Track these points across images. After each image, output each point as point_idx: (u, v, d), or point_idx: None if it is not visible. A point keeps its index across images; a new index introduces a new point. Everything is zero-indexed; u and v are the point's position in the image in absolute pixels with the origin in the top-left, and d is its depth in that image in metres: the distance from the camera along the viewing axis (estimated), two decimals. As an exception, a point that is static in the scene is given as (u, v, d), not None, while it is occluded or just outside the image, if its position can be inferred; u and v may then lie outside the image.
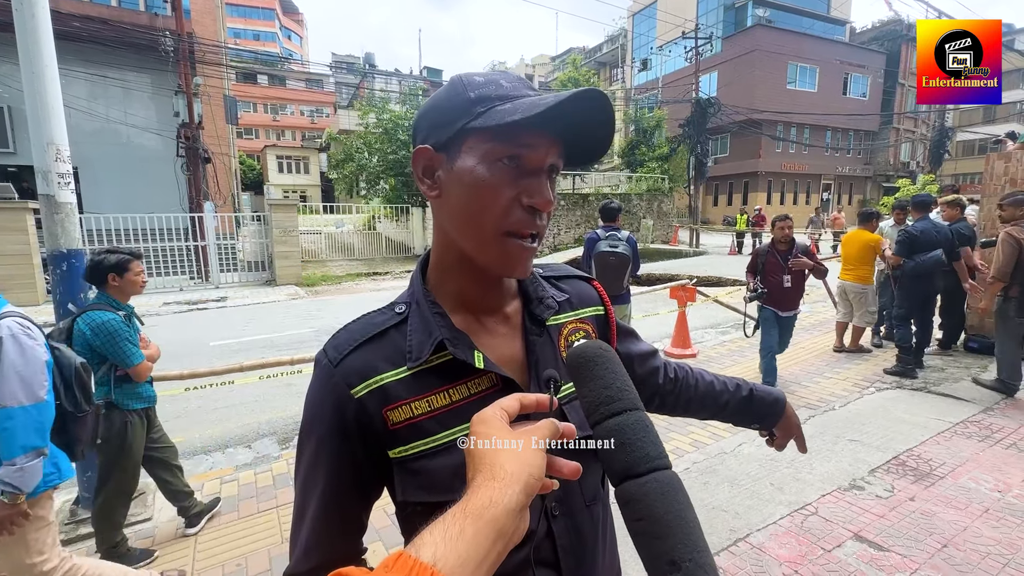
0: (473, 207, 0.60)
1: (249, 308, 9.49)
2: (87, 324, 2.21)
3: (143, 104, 14.02)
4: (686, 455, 3.34)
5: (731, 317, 7.20)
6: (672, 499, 0.44)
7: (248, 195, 29.55)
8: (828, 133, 30.87)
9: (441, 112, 0.62)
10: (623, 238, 4.08)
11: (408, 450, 0.62)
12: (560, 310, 0.74)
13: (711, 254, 17.50)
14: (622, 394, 0.49)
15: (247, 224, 14.73)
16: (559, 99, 0.55)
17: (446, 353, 0.63)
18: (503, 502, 0.40)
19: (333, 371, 0.63)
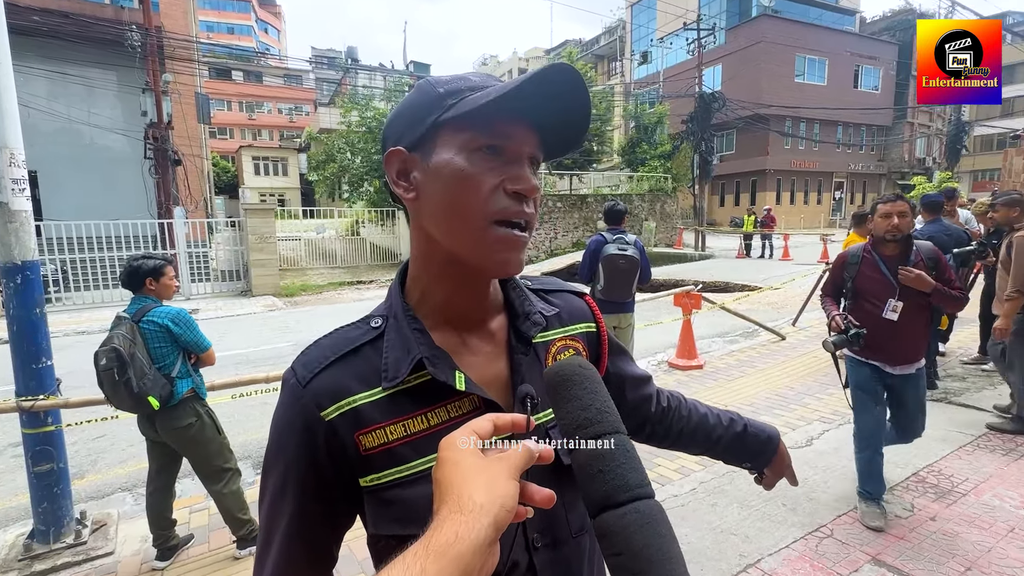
0: (456, 199, 0.60)
1: (222, 321, 9.43)
2: (166, 318, 2.51)
3: (108, 103, 13.98)
4: (692, 474, 3.34)
5: (739, 325, 7.23)
6: (653, 532, 0.43)
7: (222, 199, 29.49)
8: (839, 128, 31.26)
9: (411, 113, 0.63)
10: (631, 241, 4.10)
11: (381, 478, 0.61)
12: (549, 326, 0.73)
13: (718, 257, 17.61)
14: (602, 416, 0.48)
15: (221, 230, 14.66)
16: (531, 75, 0.56)
17: (425, 373, 0.62)
18: (470, 537, 0.39)
19: (302, 391, 0.62)
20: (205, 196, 17.04)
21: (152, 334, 2.49)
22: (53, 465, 2.77)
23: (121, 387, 2.37)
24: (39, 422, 2.72)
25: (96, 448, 4.21)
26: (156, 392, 2.43)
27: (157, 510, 2.68)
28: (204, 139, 19.01)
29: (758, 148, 29.23)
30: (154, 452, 2.69)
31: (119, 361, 2.36)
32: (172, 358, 2.54)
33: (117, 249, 11.07)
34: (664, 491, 3.15)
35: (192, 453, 2.63)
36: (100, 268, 10.94)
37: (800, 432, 3.90)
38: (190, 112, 14.97)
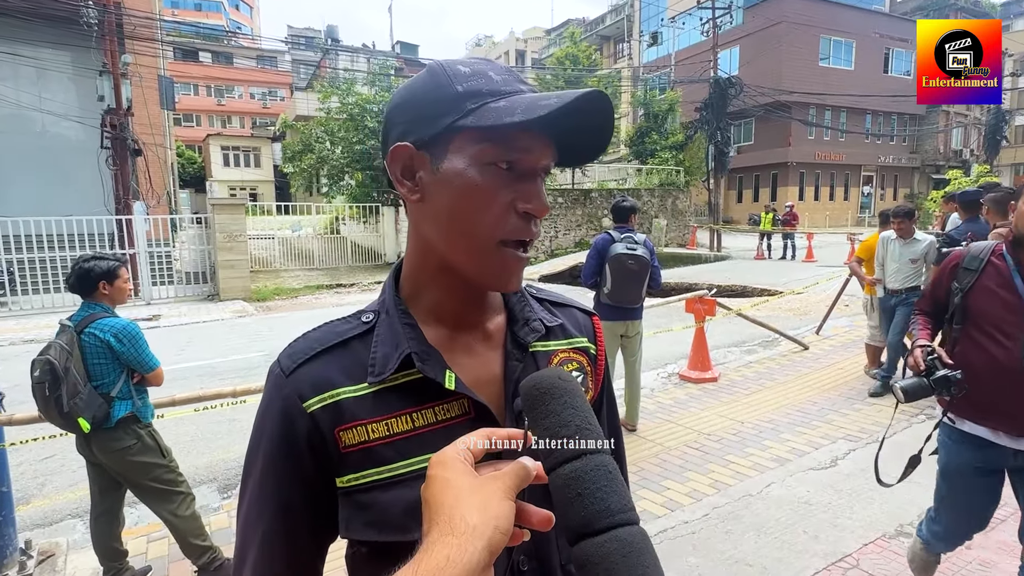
0: (465, 214, 0.63)
1: (186, 328, 9.41)
2: (108, 332, 2.47)
3: (61, 87, 13.96)
4: (705, 499, 3.35)
5: (758, 333, 7.26)
6: (635, 562, 0.42)
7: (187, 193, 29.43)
8: (868, 117, 31.46)
9: (423, 106, 0.64)
10: (640, 241, 4.10)
11: (358, 479, 0.63)
12: (551, 337, 0.76)
13: (735, 259, 17.68)
14: (581, 433, 0.48)
15: (186, 228, 14.65)
16: (563, 102, 0.57)
17: (413, 371, 0.65)
18: (462, 561, 0.39)
19: (285, 382, 0.65)
20: (168, 190, 17.01)
21: (92, 348, 2.46)
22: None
23: (52, 403, 2.36)
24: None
25: (44, 470, 4.19)
26: (88, 413, 2.40)
27: (103, 539, 2.66)
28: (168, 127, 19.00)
29: (779, 139, 29.39)
30: (93, 473, 2.66)
31: (51, 375, 2.35)
32: (113, 376, 2.50)
33: (70, 248, 11.04)
34: (674, 517, 3.16)
35: (132, 477, 2.59)
36: (51, 270, 10.90)
37: (824, 451, 3.91)
38: (152, 97, 14.97)
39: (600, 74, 25.81)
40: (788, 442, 4.11)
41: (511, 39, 48.36)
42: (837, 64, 29.80)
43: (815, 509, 3.19)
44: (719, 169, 20.41)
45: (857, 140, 31.13)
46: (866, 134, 31.42)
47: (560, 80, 23.26)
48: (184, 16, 44.01)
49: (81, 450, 2.61)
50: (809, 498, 3.31)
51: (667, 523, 3.09)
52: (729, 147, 20.95)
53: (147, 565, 2.85)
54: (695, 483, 3.55)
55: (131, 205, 12.24)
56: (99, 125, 12.56)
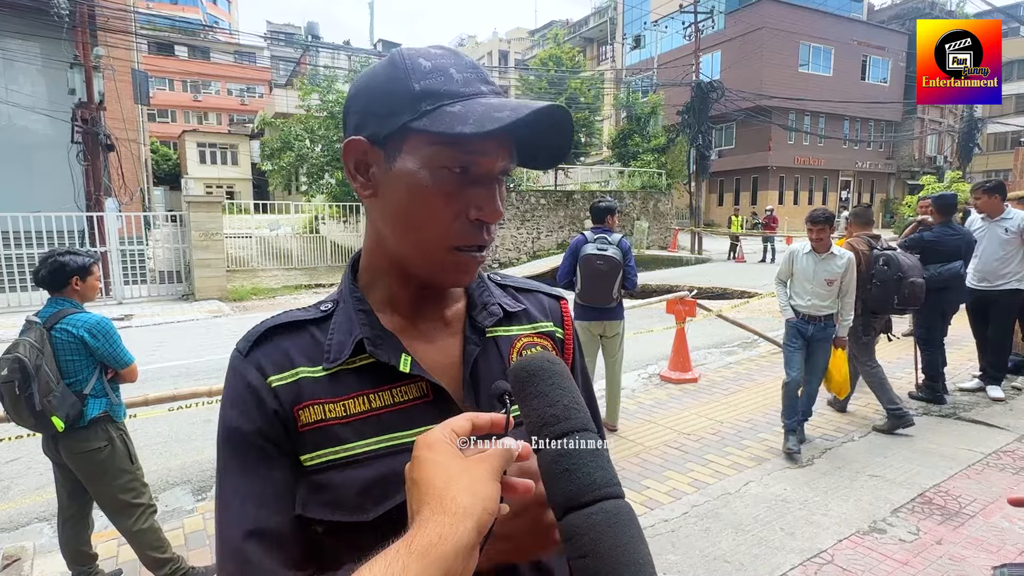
0: (415, 217, 0.63)
1: (160, 328, 9.24)
2: (82, 328, 2.43)
3: (30, 78, 13.58)
4: (684, 497, 3.39)
5: (738, 334, 7.37)
6: (621, 532, 0.44)
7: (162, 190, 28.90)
8: (846, 123, 32.14)
9: (379, 100, 0.64)
10: (614, 241, 4.15)
11: (315, 458, 0.64)
12: (514, 321, 0.77)
13: (715, 261, 17.92)
14: (569, 412, 0.50)
15: (160, 226, 14.38)
16: (516, 116, 0.57)
17: (370, 355, 0.66)
18: (453, 539, 0.41)
19: (243, 361, 0.66)
20: (142, 186, 16.69)
21: (64, 344, 2.41)
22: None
23: (22, 403, 2.30)
24: (-58, 441, 2.64)
25: (9, 472, 4.09)
26: (62, 412, 2.35)
27: (72, 543, 2.61)
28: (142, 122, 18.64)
29: (759, 143, 29.87)
30: (62, 476, 2.61)
31: (22, 373, 2.29)
32: (86, 373, 2.46)
33: (38, 246, 10.75)
34: (653, 515, 3.20)
35: (96, 483, 2.53)
36: (17, 268, 10.62)
37: (801, 449, 3.99)
38: (126, 91, 14.67)
39: (583, 76, 25.95)
40: (766, 441, 4.18)
41: (494, 40, 48.45)
42: (816, 70, 30.40)
43: (792, 507, 3.25)
44: (700, 172, 20.69)
45: (835, 145, 31.78)
46: (844, 140, 32.09)
47: (543, 81, 23.36)
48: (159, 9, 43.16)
49: (48, 452, 2.55)
50: (786, 496, 3.37)
51: (647, 521, 3.12)
52: (710, 151, 21.23)
53: (117, 569, 2.80)
54: (675, 482, 3.59)
55: (103, 202, 11.98)
56: (70, 119, 12.26)
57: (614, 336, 4.36)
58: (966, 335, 5.50)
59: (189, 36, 41.88)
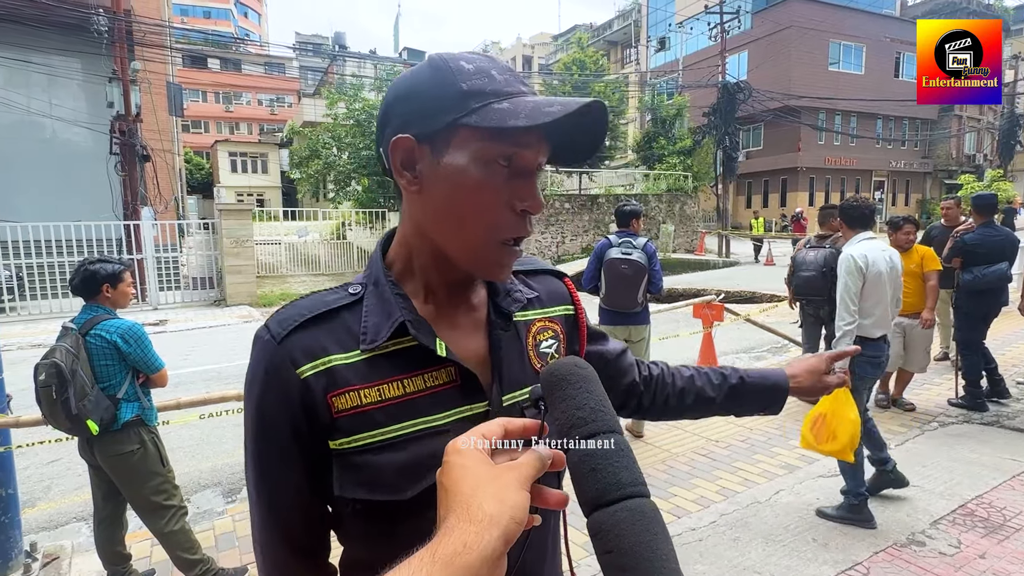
0: (464, 210, 0.66)
1: (192, 333, 9.47)
2: (115, 334, 2.50)
3: (71, 93, 14.16)
4: (712, 505, 3.32)
5: (767, 339, 7.22)
6: (644, 529, 0.46)
7: (195, 199, 29.75)
8: (879, 122, 31.31)
9: (426, 100, 0.66)
10: (639, 245, 4.12)
11: (351, 442, 0.66)
12: (528, 306, 0.80)
13: (743, 264, 17.60)
14: (596, 415, 0.52)
15: (193, 233, 14.78)
16: (567, 110, 0.60)
17: (404, 339, 0.68)
18: (478, 548, 0.41)
19: (276, 348, 0.67)
20: (176, 195, 17.20)
21: (98, 350, 2.48)
22: (1, 491, 2.78)
23: (59, 407, 2.36)
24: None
25: (49, 473, 4.22)
26: (97, 415, 2.41)
27: (107, 543, 2.67)
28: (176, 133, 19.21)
29: (788, 143, 29.30)
30: (96, 479, 2.67)
31: (59, 378, 2.35)
32: (119, 378, 2.52)
33: (78, 253, 11.16)
34: (680, 524, 3.14)
35: (129, 485, 2.59)
36: (59, 275, 11.02)
37: (833, 459, 3.87)
38: (161, 103, 15.15)
39: (607, 79, 25.85)
40: (797, 449, 4.07)
41: (518, 45, 48.59)
42: (847, 68, 29.72)
43: (825, 517, 3.16)
44: (727, 174, 20.39)
45: (868, 145, 30.98)
46: (877, 139, 31.26)
47: (567, 85, 23.32)
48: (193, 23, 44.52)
49: (84, 454, 2.62)
50: (819, 505, 3.27)
51: (674, 530, 3.07)
52: (738, 152, 20.92)
53: (151, 569, 2.86)
54: (702, 490, 3.53)
55: (139, 211, 12.38)
56: (108, 131, 12.73)
57: (639, 341, 4.30)
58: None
59: (221, 49, 43.05)
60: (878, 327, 3.16)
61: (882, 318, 3.16)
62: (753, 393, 0.98)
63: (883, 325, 3.17)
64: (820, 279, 4.60)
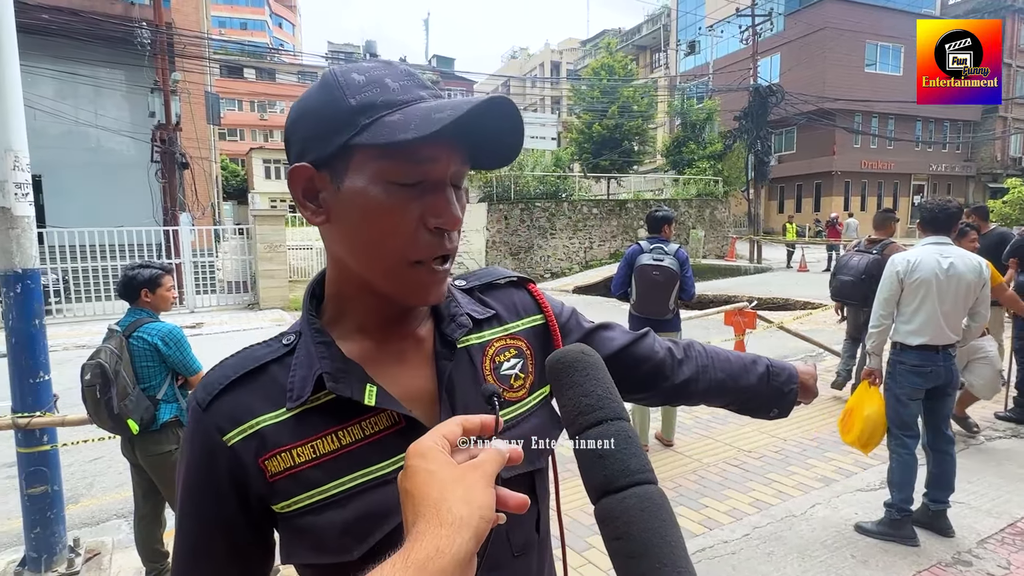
0: (371, 235, 0.61)
1: (227, 336, 9.70)
2: (156, 336, 2.57)
3: (116, 103, 14.73)
4: (745, 518, 3.25)
5: (802, 347, 7.04)
6: (653, 515, 0.46)
7: (230, 205, 30.56)
8: (918, 124, 30.39)
9: (317, 122, 0.61)
10: (670, 251, 4.07)
11: (290, 505, 0.62)
12: (484, 327, 0.75)
13: (775, 270, 17.25)
14: (602, 402, 0.52)
15: (228, 238, 15.14)
16: (457, 113, 0.55)
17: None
18: (451, 551, 0.41)
19: (202, 415, 0.63)
20: (213, 201, 17.69)
21: (140, 351, 2.56)
22: (47, 487, 2.88)
23: (102, 406, 2.45)
24: (34, 441, 2.84)
25: (92, 471, 4.37)
26: (137, 415, 2.49)
27: (146, 541, 2.74)
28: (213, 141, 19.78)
29: (823, 147, 28.65)
30: (137, 477, 2.75)
31: (103, 378, 2.44)
32: (159, 379, 2.60)
33: (120, 258, 11.54)
34: (712, 536, 3.07)
35: (167, 484, 2.65)
36: (102, 278, 11.43)
37: (872, 472, 3.75)
38: (199, 112, 15.63)
39: (636, 84, 25.68)
40: (834, 461, 3.96)
41: (546, 51, 48.69)
42: (884, 70, 28.94)
43: (864, 532, 3.05)
44: (759, 179, 20.02)
45: (906, 148, 30.08)
46: (916, 141, 30.34)
47: (595, 91, 23.25)
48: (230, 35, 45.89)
49: (125, 453, 2.71)
50: (858, 520, 3.17)
51: (705, 542, 3.01)
52: (770, 156, 20.54)
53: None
54: (735, 501, 3.45)
55: (178, 216, 12.76)
56: (150, 140, 13.19)
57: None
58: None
59: (257, 59, 44.24)
60: (918, 335, 3.00)
61: (925, 326, 2.99)
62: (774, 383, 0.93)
63: (925, 333, 2.99)
64: (857, 285, 4.54)
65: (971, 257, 3.02)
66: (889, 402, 3.09)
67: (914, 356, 3.01)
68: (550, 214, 17.43)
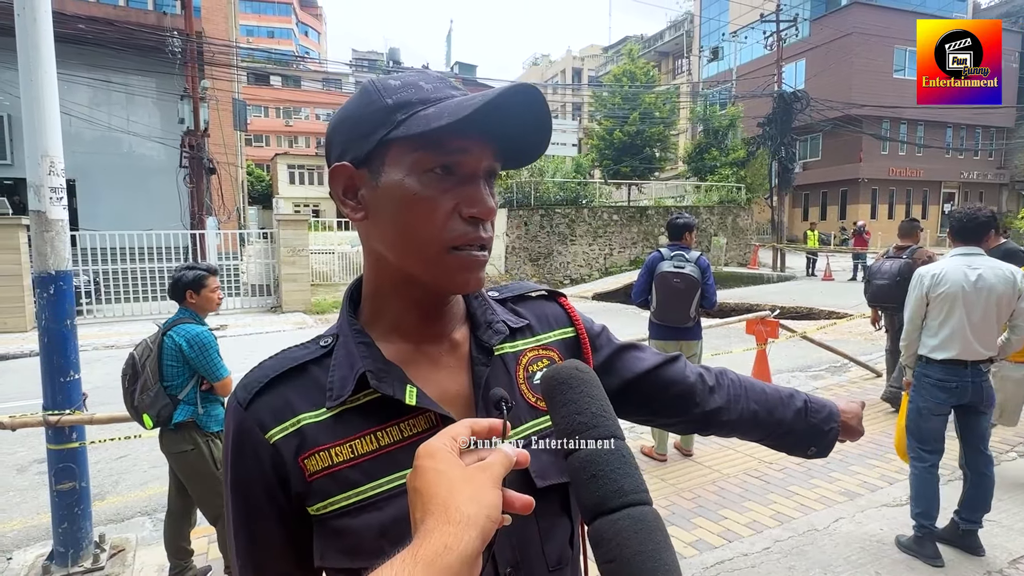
0: (409, 224, 0.63)
1: (250, 338, 9.85)
2: (183, 337, 2.62)
3: (147, 110, 15.13)
4: (766, 530, 3.19)
5: (826, 358, 6.91)
6: (646, 538, 0.45)
7: (255, 209, 31.10)
8: (948, 131, 29.70)
9: (356, 123, 0.65)
10: (691, 259, 4.04)
11: (327, 506, 0.63)
12: (517, 336, 0.76)
13: (799, 279, 16.96)
14: (597, 420, 0.51)
15: (252, 242, 15.44)
16: (487, 97, 0.58)
17: (374, 390, 0.64)
18: (458, 549, 0.42)
19: (244, 414, 0.64)
20: (238, 206, 18.03)
21: (168, 350, 2.62)
22: (75, 484, 2.95)
23: (127, 396, 2.56)
24: (64, 438, 2.92)
25: (117, 469, 4.46)
26: (153, 411, 2.55)
27: (174, 537, 2.80)
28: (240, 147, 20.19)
29: (849, 154, 28.15)
30: (172, 472, 2.82)
31: (132, 369, 2.55)
32: (182, 380, 2.63)
33: (149, 260, 11.85)
34: (731, 548, 3.02)
35: (190, 481, 2.71)
36: (132, 280, 11.71)
37: (900, 487, 3.66)
38: (227, 119, 15.97)
39: (658, 90, 25.57)
40: (858, 475, 3.87)
41: (568, 57, 48.75)
42: (913, 75, 28.23)
43: (889, 549, 2.98)
44: (783, 186, 19.75)
45: (936, 155, 29.40)
46: (946, 148, 29.63)
47: (617, 97, 23.21)
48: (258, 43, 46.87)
49: (161, 448, 2.77)
50: (882, 536, 3.09)
51: (724, 554, 2.96)
52: (794, 163, 20.25)
53: (207, 565, 2.96)
54: (755, 513, 3.39)
55: (204, 220, 13.03)
56: (179, 145, 13.51)
57: (691, 356, 4.19)
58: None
59: (283, 67, 45.09)
60: (943, 349, 2.90)
61: (951, 341, 2.88)
62: (813, 420, 0.91)
63: (950, 348, 2.88)
64: (894, 287, 4.62)
65: (1003, 267, 2.89)
66: (910, 413, 3.03)
67: (939, 370, 2.92)
68: (570, 220, 17.41)
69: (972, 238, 2.95)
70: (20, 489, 4.16)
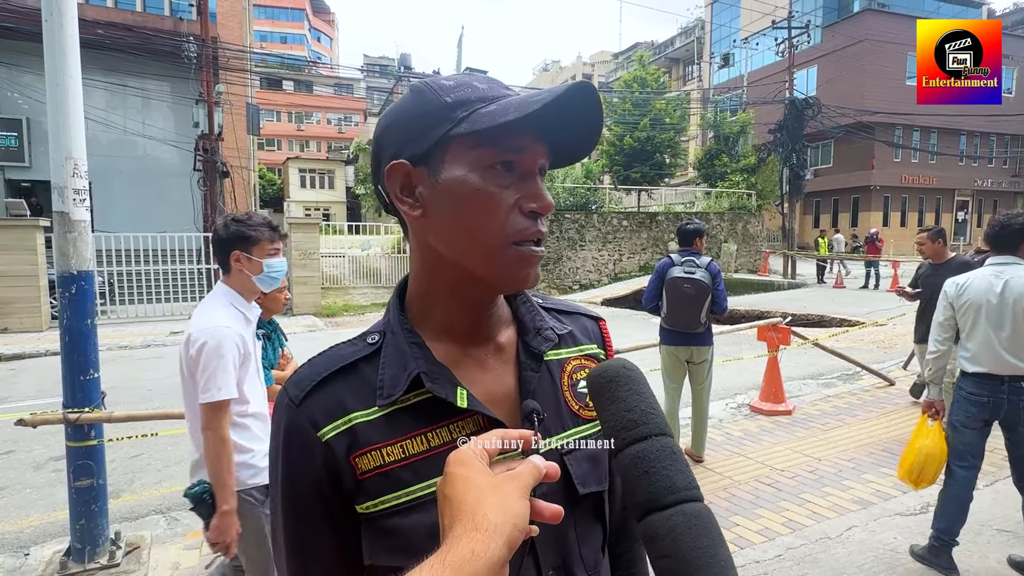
0: (471, 219, 0.63)
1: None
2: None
3: (162, 114, 15.34)
4: (778, 538, 3.18)
5: (837, 365, 6.86)
6: (701, 534, 0.46)
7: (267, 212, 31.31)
8: (962, 138, 29.47)
9: (413, 122, 0.65)
10: (702, 264, 4.03)
11: (377, 505, 0.63)
12: (562, 344, 0.76)
13: (810, 286, 16.86)
14: (647, 417, 0.51)
15: (264, 245, 15.47)
16: (553, 94, 0.58)
17: (424, 391, 0.64)
18: (485, 556, 0.42)
19: (295, 411, 0.64)
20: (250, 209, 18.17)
21: None
22: (93, 481, 2.99)
23: None
24: (82, 436, 2.97)
25: (133, 467, 4.52)
26: None
27: None
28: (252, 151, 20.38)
29: (861, 161, 27.98)
30: None
31: None
32: None
33: (162, 262, 11.99)
34: (743, 555, 3.02)
35: None
36: (146, 281, 11.84)
37: (913, 496, 3.63)
38: (240, 123, 16.13)
39: (669, 96, 25.55)
40: (871, 484, 3.84)
41: (578, 63, 48.87)
42: (927, 82, 28.17)
43: (903, 558, 2.95)
44: (794, 193, 19.65)
45: (950, 162, 29.17)
46: (960, 156, 29.39)
47: (627, 103, 23.22)
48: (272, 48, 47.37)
49: None
50: (896, 546, 3.07)
51: (737, 561, 2.92)
52: (805, 170, 20.16)
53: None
54: (767, 520, 3.38)
55: (217, 223, 13.16)
56: (193, 149, 13.68)
57: (702, 362, 4.19)
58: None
59: (296, 72, 45.55)
60: (974, 363, 2.84)
61: (980, 354, 2.81)
62: None
63: (981, 362, 2.81)
64: None
65: None
66: (948, 428, 2.96)
67: (971, 384, 2.86)
68: (580, 226, 17.41)
69: (1006, 247, 2.85)
70: (37, 486, 4.22)
